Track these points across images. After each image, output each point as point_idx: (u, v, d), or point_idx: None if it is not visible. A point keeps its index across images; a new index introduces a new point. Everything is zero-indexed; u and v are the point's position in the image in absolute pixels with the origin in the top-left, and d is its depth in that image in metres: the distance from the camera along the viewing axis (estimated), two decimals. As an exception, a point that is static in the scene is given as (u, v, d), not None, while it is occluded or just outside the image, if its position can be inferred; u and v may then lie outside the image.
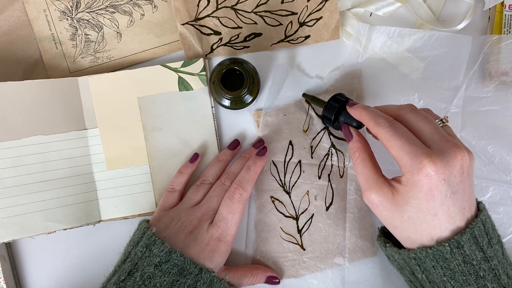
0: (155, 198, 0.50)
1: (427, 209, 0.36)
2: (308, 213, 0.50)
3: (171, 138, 0.51)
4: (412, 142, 0.36)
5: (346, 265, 0.49)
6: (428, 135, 0.37)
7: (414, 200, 0.36)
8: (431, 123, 0.38)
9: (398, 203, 0.37)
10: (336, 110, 0.44)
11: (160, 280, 0.41)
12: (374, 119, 0.39)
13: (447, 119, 0.41)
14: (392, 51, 0.51)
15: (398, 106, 0.41)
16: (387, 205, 0.38)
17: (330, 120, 0.45)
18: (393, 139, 0.37)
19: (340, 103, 0.44)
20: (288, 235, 0.50)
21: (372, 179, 0.39)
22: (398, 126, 0.38)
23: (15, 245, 0.51)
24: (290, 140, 0.51)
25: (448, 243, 0.36)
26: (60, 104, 0.49)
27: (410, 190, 0.36)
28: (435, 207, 0.36)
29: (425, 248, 0.37)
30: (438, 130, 0.38)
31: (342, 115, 0.44)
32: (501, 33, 0.51)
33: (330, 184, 0.50)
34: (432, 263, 0.37)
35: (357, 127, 0.43)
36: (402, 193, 0.37)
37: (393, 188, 0.38)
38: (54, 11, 0.51)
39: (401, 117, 0.39)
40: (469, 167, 0.37)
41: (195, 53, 0.52)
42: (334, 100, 0.45)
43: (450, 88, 0.50)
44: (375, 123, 0.39)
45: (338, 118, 0.45)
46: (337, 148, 0.51)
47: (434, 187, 0.35)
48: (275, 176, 0.51)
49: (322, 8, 0.51)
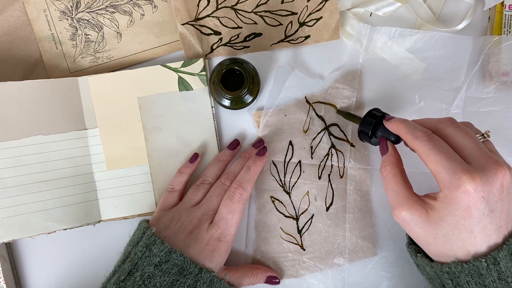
0: (155, 198, 0.50)
1: (463, 226, 0.35)
2: (308, 213, 0.50)
3: (171, 138, 0.51)
4: (451, 157, 0.35)
5: (346, 265, 0.49)
6: (468, 150, 0.36)
7: (450, 217, 0.35)
8: (471, 138, 0.37)
9: (432, 220, 0.36)
10: (373, 125, 0.44)
11: (160, 280, 0.41)
12: (412, 132, 0.38)
13: (488, 134, 0.40)
14: (392, 51, 0.51)
15: (437, 120, 0.40)
16: (420, 222, 0.37)
17: (367, 135, 0.44)
18: (432, 154, 0.36)
19: (376, 118, 0.44)
20: (288, 235, 0.50)
21: (403, 196, 0.38)
22: (437, 140, 0.37)
23: (15, 245, 0.51)
24: (290, 140, 0.51)
25: (485, 258, 0.35)
26: (60, 104, 0.49)
27: (447, 207, 0.35)
28: (472, 224, 0.35)
29: (460, 263, 0.36)
30: (478, 146, 0.37)
31: (379, 129, 0.43)
32: (501, 33, 0.51)
33: (330, 184, 0.50)
34: (466, 278, 0.36)
35: (395, 142, 0.42)
36: (437, 210, 0.36)
37: (427, 205, 0.37)
38: (54, 11, 0.51)
39: (440, 131, 0.38)
40: (510, 185, 0.35)
41: (195, 53, 0.52)
42: (370, 115, 0.44)
43: (451, 89, 0.50)
44: (412, 136, 0.38)
45: (376, 133, 0.44)
46: (337, 149, 0.51)
47: (472, 205, 0.34)
48: (275, 176, 0.51)
49: (322, 8, 0.51)
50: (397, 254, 0.50)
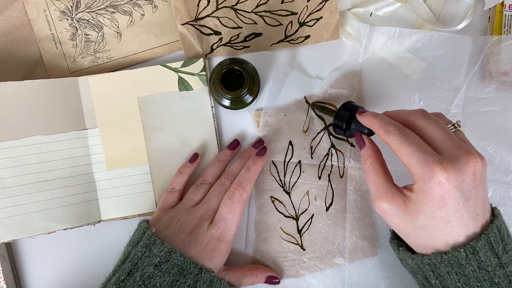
0: (155, 198, 0.50)
1: (440, 216, 0.35)
2: (308, 213, 0.50)
3: (171, 138, 0.51)
4: (423, 149, 0.36)
5: (346, 265, 0.49)
6: (440, 141, 0.37)
7: (426, 208, 0.36)
8: (442, 128, 0.38)
9: (410, 211, 0.37)
10: (347, 118, 0.44)
11: (160, 280, 0.41)
12: (384, 127, 0.38)
13: (459, 124, 0.40)
14: (392, 51, 0.51)
15: (408, 112, 0.40)
16: (399, 213, 0.37)
17: (341, 129, 0.45)
18: (404, 147, 0.36)
19: (350, 111, 0.44)
20: (288, 235, 0.50)
21: (383, 188, 0.39)
22: (408, 133, 0.37)
23: (15, 245, 0.51)
24: (290, 140, 0.51)
25: (463, 248, 0.35)
26: (60, 104, 0.49)
27: (423, 198, 0.36)
28: (448, 214, 0.35)
29: (440, 253, 0.36)
30: (449, 136, 0.37)
31: (353, 123, 0.44)
32: (501, 33, 0.51)
33: (330, 184, 0.50)
34: (447, 269, 0.36)
35: (369, 134, 0.43)
36: (414, 201, 0.36)
37: (405, 196, 0.37)
38: (54, 11, 0.51)
39: (411, 123, 0.39)
40: (482, 173, 0.36)
41: (195, 53, 0.52)
42: (344, 108, 0.45)
43: (450, 89, 0.50)
44: (385, 131, 0.38)
45: (350, 126, 0.44)
46: (337, 149, 0.51)
47: (446, 195, 0.35)
48: (275, 176, 0.51)
49: (322, 8, 0.51)
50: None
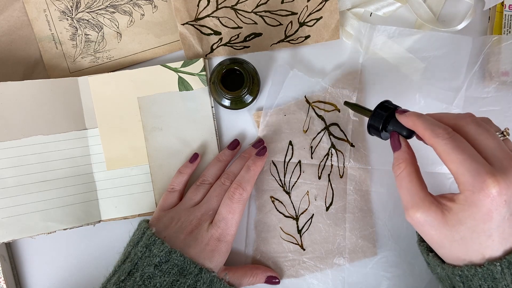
0: (155, 198, 0.50)
1: (482, 230, 0.34)
2: (308, 213, 0.50)
3: (171, 138, 0.51)
4: (474, 158, 0.34)
5: (346, 265, 0.49)
6: (491, 151, 0.35)
7: (470, 220, 0.34)
8: (494, 137, 0.35)
9: (449, 223, 0.35)
10: (384, 118, 0.40)
11: (160, 280, 0.41)
12: (431, 128, 0.36)
13: (508, 132, 0.38)
14: (393, 51, 0.51)
15: (457, 115, 0.38)
16: (436, 224, 0.35)
17: (377, 130, 0.41)
18: (453, 153, 0.34)
19: (388, 111, 0.41)
20: (288, 235, 0.50)
21: (418, 196, 0.36)
22: (458, 138, 0.35)
23: (15, 245, 0.51)
24: (290, 140, 0.51)
25: (499, 262, 0.34)
26: (60, 104, 0.49)
27: (467, 210, 0.34)
28: (491, 228, 0.34)
29: (474, 266, 0.35)
30: (501, 146, 0.35)
31: (390, 123, 0.40)
32: (501, 33, 0.51)
33: (330, 184, 0.50)
34: (479, 282, 0.35)
35: (407, 136, 0.40)
36: (455, 213, 0.34)
37: (443, 206, 0.35)
38: (54, 11, 0.51)
39: (460, 128, 0.36)
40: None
41: (195, 53, 0.52)
42: (381, 108, 0.41)
43: (451, 89, 0.50)
44: (432, 133, 0.35)
45: (386, 127, 0.41)
46: (337, 149, 0.51)
47: (494, 208, 0.33)
48: (275, 176, 0.51)
49: (322, 8, 0.51)
50: (397, 254, 0.50)
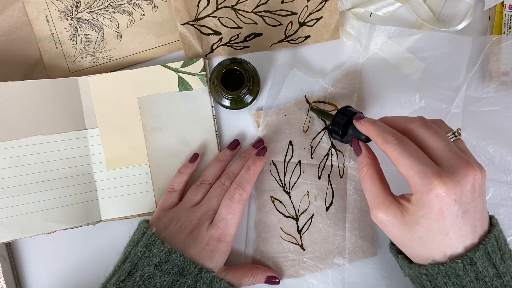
0: (155, 198, 0.50)
1: (438, 229, 0.35)
2: (308, 213, 0.50)
3: (171, 138, 0.51)
4: (421, 160, 0.35)
5: (346, 265, 0.49)
6: (439, 152, 0.36)
7: (424, 220, 0.35)
8: (442, 138, 0.37)
9: (407, 222, 0.36)
10: (343, 124, 0.43)
11: (160, 280, 0.41)
12: (382, 135, 0.37)
13: (459, 132, 0.39)
14: (392, 51, 0.51)
15: (408, 119, 0.39)
16: (396, 224, 0.37)
17: (338, 134, 0.44)
18: (402, 158, 0.36)
19: (347, 116, 0.43)
20: (288, 235, 0.50)
21: (380, 197, 0.38)
22: (407, 143, 0.36)
23: (15, 245, 0.51)
24: (290, 140, 0.51)
25: (461, 259, 0.35)
26: (60, 104, 0.49)
27: (420, 210, 0.35)
28: (446, 227, 0.35)
29: (437, 264, 0.36)
30: (449, 147, 0.36)
31: (350, 128, 0.43)
32: (501, 33, 0.51)
33: (330, 184, 0.50)
34: (444, 280, 0.36)
35: (366, 140, 0.42)
36: (411, 213, 0.36)
37: (402, 206, 0.37)
38: (54, 11, 0.51)
39: (410, 132, 0.38)
40: (481, 184, 0.36)
41: (195, 53, 0.52)
42: (341, 113, 0.44)
43: (450, 89, 0.50)
44: (383, 139, 0.37)
45: (347, 131, 0.43)
46: (337, 149, 0.51)
47: (444, 208, 0.34)
48: (275, 176, 0.51)
49: (322, 8, 0.51)
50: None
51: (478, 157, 0.50)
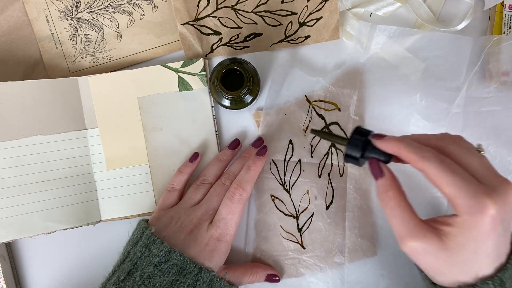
0: (155, 198, 0.50)
1: (483, 250, 0.33)
2: (308, 212, 0.50)
3: (171, 138, 0.50)
4: (467, 179, 0.33)
5: (346, 264, 0.49)
6: (476, 169, 0.34)
7: (471, 243, 0.33)
8: (476, 155, 0.35)
9: (449, 248, 0.33)
10: (362, 145, 0.38)
11: (159, 280, 0.41)
12: (418, 152, 0.34)
13: (482, 148, 0.38)
14: (393, 50, 0.51)
15: (434, 136, 0.37)
16: (435, 251, 0.33)
17: (356, 159, 0.38)
18: (445, 176, 0.33)
19: (365, 137, 0.38)
20: (288, 234, 0.50)
21: (411, 224, 0.34)
22: (447, 160, 0.34)
23: (15, 245, 0.51)
24: (290, 139, 0.51)
25: (492, 281, 0.33)
26: (60, 104, 0.49)
27: (467, 232, 0.33)
28: (489, 247, 0.33)
29: (467, 286, 0.34)
30: (485, 163, 0.35)
31: (367, 149, 0.38)
32: (501, 33, 0.51)
33: (330, 183, 0.50)
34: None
35: (386, 161, 0.38)
36: (455, 236, 0.33)
37: (440, 231, 0.34)
38: (54, 11, 0.51)
39: (442, 150, 0.35)
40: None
41: (195, 53, 0.52)
42: (358, 134, 0.38)
43: (451, 89, 0.50)
44: (420, 157, 0.34)
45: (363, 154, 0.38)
46: (337, 147, 0.51)
47: (494, 228, 0.32)
48: (275, 175, 0.51)
49: (322, 8, 0.51)
50: (397, 253, 0.50)
51: (478, 156, 0.50)
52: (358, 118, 0.51)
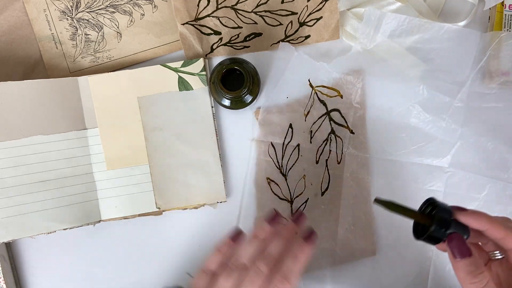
0: (155, 198, 0.50)
1: None
2: (303, 197, 0.50)
3: (171, 138, 0.50)
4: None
5: (337, 251, 0.49)
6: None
7: None
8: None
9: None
10: (449, 225, 0.33)
11: None
12: (508, 229, 0.32)
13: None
14: (400, 40, 0.50)
15: (504, 219, 0.35)
16: None
17: (438, 240, 0.34)
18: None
19: (449, 213, 0.34)
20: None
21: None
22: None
23: (15, 245, 0.51)
24: (290, 123, 0.51)
25: None
26: (60, 104, 0.49)
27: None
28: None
29: None
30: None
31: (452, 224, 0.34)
32: (501, 33, 0.51)
33: (327, 169, 0.50)
34: None
35: (467, 237, 0.34)
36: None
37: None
38: (54, 11, 0.51)
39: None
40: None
41: (195, 53, 0.52)
42: (441, 211, 0.34)
43: (455, 82, 0.50)
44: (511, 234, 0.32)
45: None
46: (337, 134, 0.51)
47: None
48: (273, 158, 0.50)
49: (322, 8, 0.51)
50: (397, 253, 0.50)
51: (476, 152, 0.50)
52: (360, 106, 0.51)
